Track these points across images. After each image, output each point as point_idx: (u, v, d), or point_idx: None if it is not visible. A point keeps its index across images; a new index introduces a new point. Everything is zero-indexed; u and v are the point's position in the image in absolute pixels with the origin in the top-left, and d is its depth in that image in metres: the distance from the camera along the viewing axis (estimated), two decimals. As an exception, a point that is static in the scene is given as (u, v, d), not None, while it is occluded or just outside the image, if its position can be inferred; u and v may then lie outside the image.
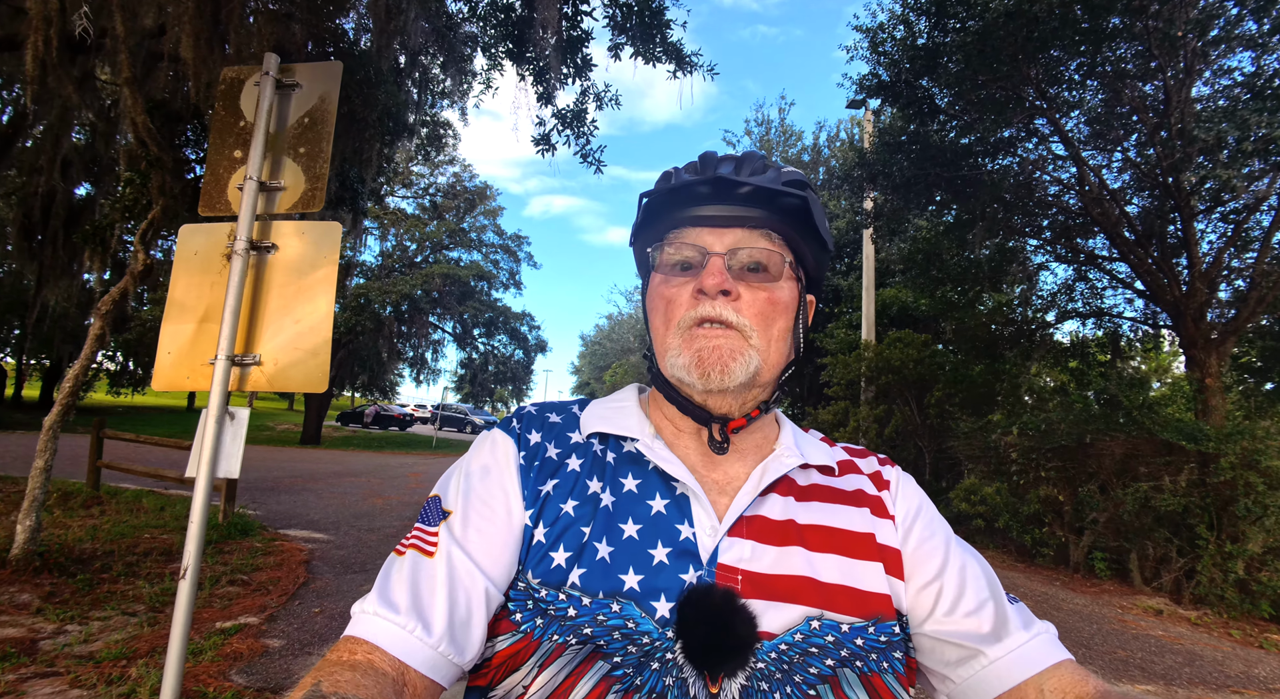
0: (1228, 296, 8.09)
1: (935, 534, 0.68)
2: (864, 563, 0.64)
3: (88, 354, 4.56)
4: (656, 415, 0.73)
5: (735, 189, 0.64)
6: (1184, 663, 4.35)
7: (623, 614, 0.58)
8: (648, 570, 0.60)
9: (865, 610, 0.61)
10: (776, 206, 0.65)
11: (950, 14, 7.12)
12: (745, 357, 0.63)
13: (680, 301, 0.66)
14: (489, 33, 6.04)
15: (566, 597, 0.58)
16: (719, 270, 0.64)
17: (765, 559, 0.62)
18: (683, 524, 0.63)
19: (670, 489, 0.66)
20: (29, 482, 4.32)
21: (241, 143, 2.36)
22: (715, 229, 0.66)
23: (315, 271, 2.25)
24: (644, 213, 0.70)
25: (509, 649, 0.58)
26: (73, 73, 5.62)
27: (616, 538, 0.62)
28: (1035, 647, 0.61)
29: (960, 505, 8.16)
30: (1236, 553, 5.61)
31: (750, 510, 0.65)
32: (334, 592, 4.60)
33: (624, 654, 0.56)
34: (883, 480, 0.73)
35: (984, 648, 0.61)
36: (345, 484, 10.41)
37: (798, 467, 0.69)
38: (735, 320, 0.63)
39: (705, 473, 0.68)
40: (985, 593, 0.64)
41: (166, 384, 2.20)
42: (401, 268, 22.16)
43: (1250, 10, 6.22)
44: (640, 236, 0.73)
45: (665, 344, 0.67)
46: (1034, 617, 0.65)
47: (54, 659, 3.08)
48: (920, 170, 8.21)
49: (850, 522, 0.67)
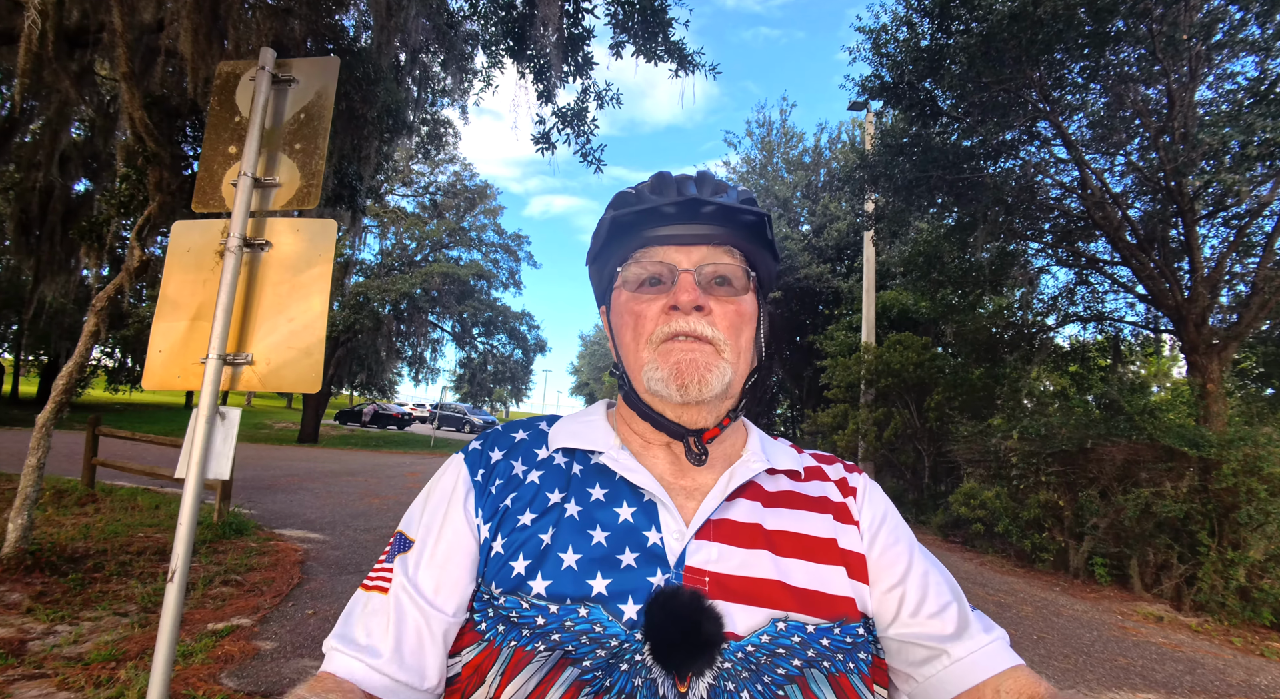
0: (1229, 302, 8.08)
1: (899, 541, 0.70)
2: (828, 567, 0.66)
3: (83, 351, 4.52)
4: (624, 429, 0.74)
5: (700, 208, 0.66)
6: (1185, 671, 4.31)
7: (590, 618, 0.59)
8: (615, 574, 0.61)
9: (830, 613, 0.63)
10: (736, 223, 0.68)
11: (954, 16, 7.10)
12: (719, 368, 0.65)
13: (650, 316, 0.67)
14: (490, 30, 6.00)
15: (530, 604, 0.60)
16: (691, 286, 0.66)
17: (732, 561, 0.63)
18: (650, 530, 0.64)
19: (638, 497, 0.67)
20: (21, 479, 4.28)
21: (236, 138, 2.32)
22: (682, 247, 0.68)
23: (310, 270, 2.21)
24: (609, 233, 0.71)
25: (475, 659, 0.60)
26: (71, 67, 5.59)
27: (584, 544, 0.63)
28: (995, 650, 0.63)
29: (960, 509, 8.13)
30: (1238, 560, 5.58)
31: (717, 514, 0.66)
32: (328, 593, 4.56)
33: (593, 658, 0.57)
34: (848, 487, 0.74)
35: (947, 647, 0.63)
36: (342, 483, 10.37)
37: (764, 472, 0.71)
38: (710, 334, 0.66)
39: (674, 480, 0.70)
40: (948, 596, 0.67)
41: (158, 383, 2.16)
42: (401, 266, 22.10)
43: (1255, 15, 6.20)
44: (600, 257, 0.74)
45: (638, 359, 0.68)
46: (993, 622, 0.68)
47: (42, 660, 3.04)
48: (922, 173, 8.18)
49: (814, 527, 0.68)
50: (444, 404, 30.15)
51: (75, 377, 4.50)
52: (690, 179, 0.70)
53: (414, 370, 24.88)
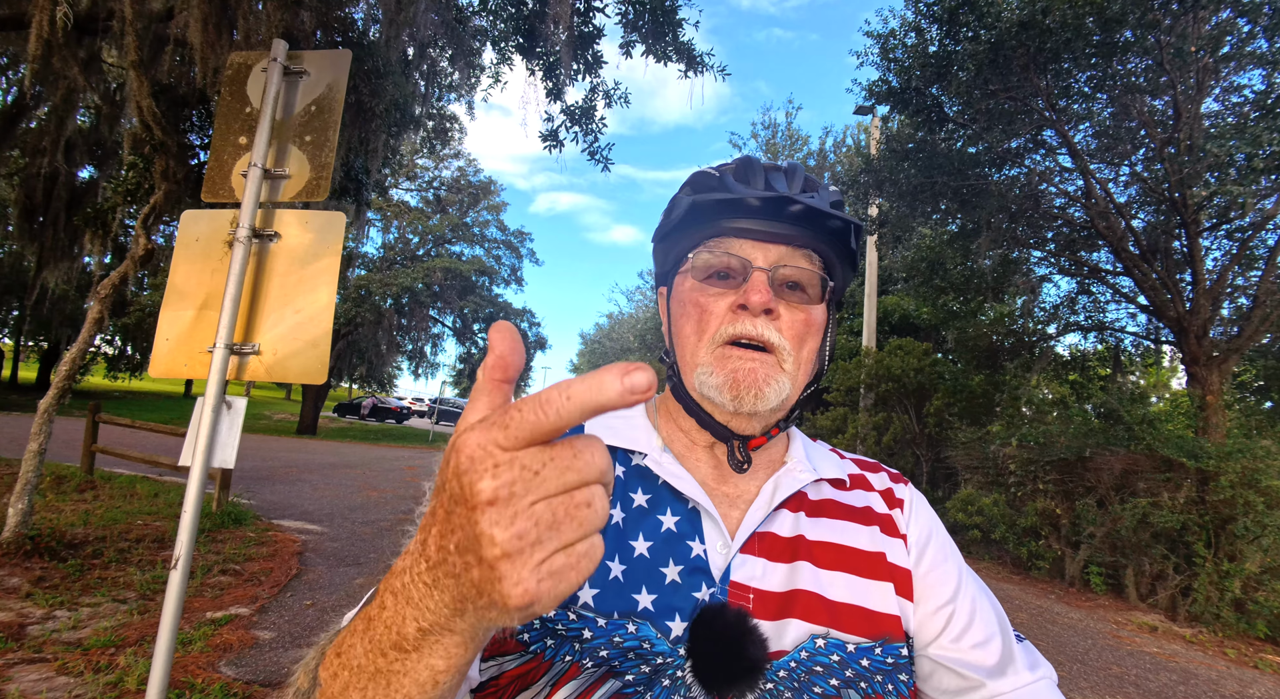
0: (1230, 315, 8.08)
1: (949, 559, 0.67)
2: (874, 582, 0.63)
3: (85, 338, 4.52)
4: (669, 426, 0.71)
5: (787, 207, 0.63)
6: (1178, 681, 4.33)
7: (639, 635, 0.57)
8: (661, 589, 0.59)
9: (873, 631, 0.60)
10: (821, 228, 0.64)
11: (962, 23, 7.10)
12: (778, 382, 0.62)
13: (716, 313, 0.64)
14: (499, 26, 6.01)
15: (578, 616, 0.57)
16: (764, 287, 0.62)
17: (776, 577, 0.61)
18: (694, 540, 0.62)
19: (681, 503, 0.64)
20: (22, 464, 4.29)
21: (247, 129, 2.33)
22: (760, 243, 0.64)
23: (317, 261, 2.22)
24: (686, 215, 0.67)
25: (518, 669, 0.57)
26: (79, 54, 5.59)
27: (628, 556, 0.61)
28: (1037, 691, 0.60)
29: (957, 516, 8.14)
30: (1234, 571, 5.59)
31: (763, 527, 0.64)
32: (326, 584, 4.57)
33: (636, 673, 0.56)
34: (895, 498, 0.71)
35: (987, 680, 0.60)
36: (340, 475, 10.37)
37: (810, 482, 0.68)
38: (776, 341, 0.62)
39: (716, 486, 0.67)
40: (994, 627, 0.64)
41: (164, 371, 2.17)
42: (403, 260, 22.11)
43: (1263, 28, 6.20)
44: (670, 237, 0.70)
45: (695, 357, 0.65)
46: (1040, 658, 0.65)
47: (41, 645, 3.05)
48: (926, 178, 8.18)
49: (859, 540, 0.65)
50: (443, 399, 30.15)
51: (78, 363, 4.51)
52: (780, 171, 0.67)
53: (414, 365, 24.91)
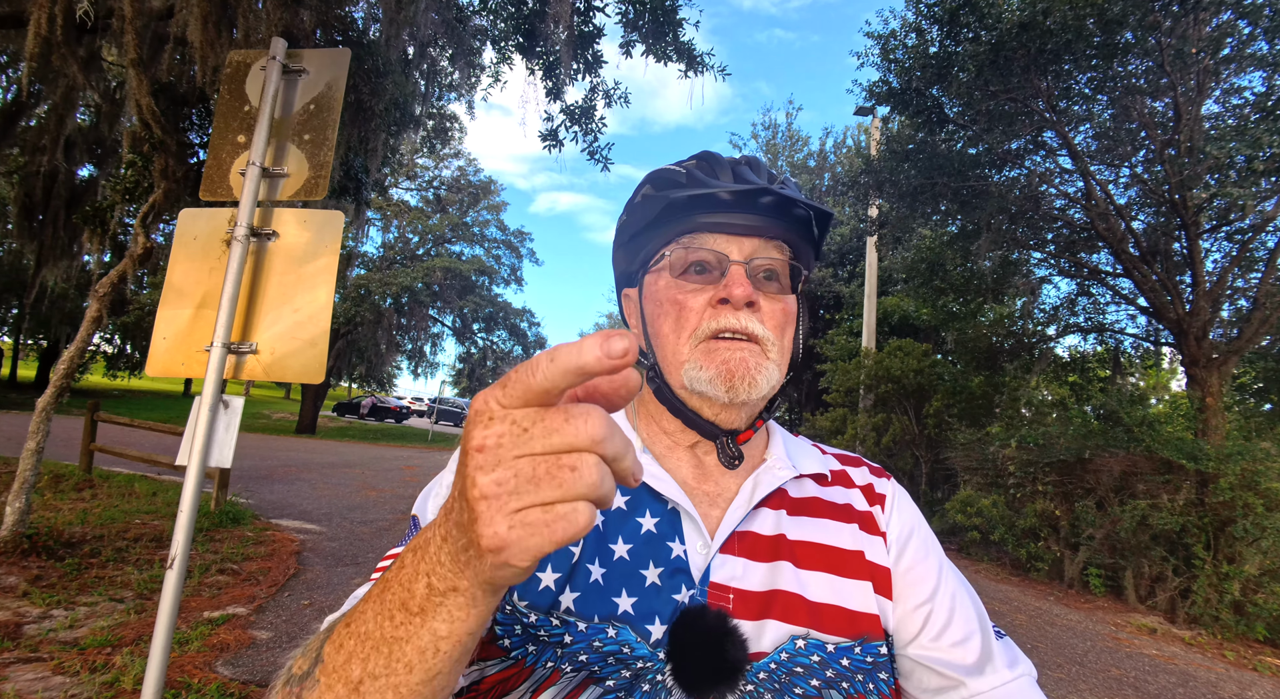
0: (1230, 316, 8.08)
1: (929, 556, 0.67)
2: (853, 581, 0.62)
3: (84, 336, 4.51)
4: (649, 427, 0.70)
5: (758, 198, 0.62)
6: (1177, 683, 4.32)
7: (619, 639, 0.56)
8: (641, 592, 0.59)
9: (852, 630, 0.60)
10: (789, 217, 0.64)
11: (963, 24, 7.10)
12: (767, 369, 0.62)
13: (695, 309, 0.63)
14: (499, 26, 6.00)
15: (560, 621, 0.57)
16: (744, 280, 0.62)
17: (755, 576, 0.61)
18: (674, 541, 0.61)
19: (660, 504, 0.64)
20: (20, 463, 4.28)
21: (245, 127, 2.32)
22: (734, 237, 0.64)
23: (316, 261, 2.21)
24: (660, 213, 0.65)
25: (499, 675, 0.56)
26: (79, 52, 5.58)
27: (608, 559, 0.60)
28: (1017, 688, 0.60)
29: (956, 517, 8.14)
30: (1233, 574, 5.58)
31: (742, 526, 0.63)
32: (324, 584, 4.56)
33: (617, 678, 0.55)
34: (875, 494, 0.70)
35: (966, 679, 0.60)
36: (339, 475, 10.36)
37: (791, 479, 0.67)
38: (760, 332, 0.62)
39: (696, 485, 0.66)
40: (974, 624, 0.63)
41: (161, 370, 2.16)
42: (403, 260, 22.10)
43: (1264, 30, 6.20)
44: (639, 237, 0.68)
45: (678, 355, 0.64)
46: (1020, 654, 0.64)
47: (38, 644, 3.04)
48: (927, 179, 8.18)
49: (840, 538, 0.65)
50: (442, 399, 30.14)
51: (76, 362, 4.50)
52: (743, 163, 0.66)
53: (413, 364, 24.91)
